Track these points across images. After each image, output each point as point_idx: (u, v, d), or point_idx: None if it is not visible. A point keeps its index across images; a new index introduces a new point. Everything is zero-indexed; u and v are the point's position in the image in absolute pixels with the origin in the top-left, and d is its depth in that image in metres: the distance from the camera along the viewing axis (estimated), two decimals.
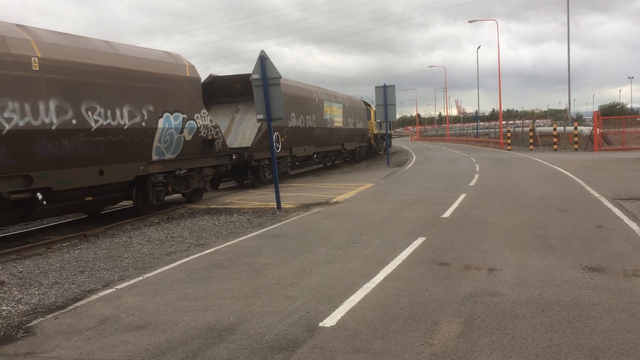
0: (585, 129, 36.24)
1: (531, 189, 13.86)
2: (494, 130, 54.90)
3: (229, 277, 6.64)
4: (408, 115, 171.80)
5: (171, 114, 12.44)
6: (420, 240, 8.10)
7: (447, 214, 10.49)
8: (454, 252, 7.34)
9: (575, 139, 33.58)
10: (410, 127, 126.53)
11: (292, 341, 4.46)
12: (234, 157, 15.36)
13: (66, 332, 5.00)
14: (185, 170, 13.34)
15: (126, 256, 8.23)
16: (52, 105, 9.45)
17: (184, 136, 12.91)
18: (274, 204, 12.59)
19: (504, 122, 45.65)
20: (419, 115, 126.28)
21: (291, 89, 19.95)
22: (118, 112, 10.89)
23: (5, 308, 5.81)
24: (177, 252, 8.38)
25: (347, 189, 15.80)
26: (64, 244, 9.61)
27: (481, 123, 65.04)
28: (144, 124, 11.59)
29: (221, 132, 14.76)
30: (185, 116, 12.89)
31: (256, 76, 12.02)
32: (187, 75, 13.16)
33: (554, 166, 20.77)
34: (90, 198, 10.89)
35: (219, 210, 12.59)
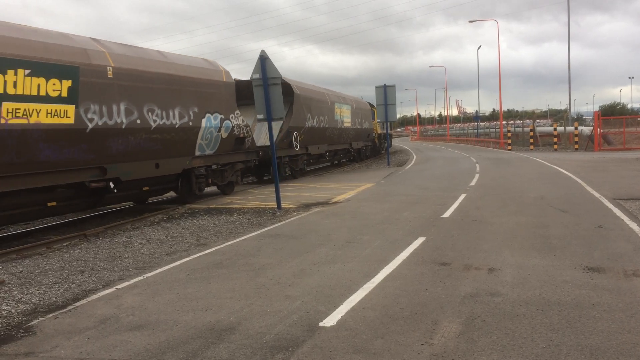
0: (586, 129, 36.23)
1: (531, 189, 13.86)
2: (494, 130, 54.89)
3: (229, 277, 6.64)
4: (408, 115, 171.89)
5: (211, 114, 14.00)
6: (420, 240, 8.10)
7: (447, 214, 10.49)
8: (454, 252, 7.34)
9: (576, 139, 33.57)
10: (411, 127, 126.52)
11: (292, 341, 4.46)
12: (260, 153, 17.01)
13: (66, 331, 5.00)
14: (221, 165, 15.08)
15: (126, 256, 8.23)
16: (122, 107, 10.95)
17: (221, 134, 14.50)
18: (274, 204, 12.59)
19: (504, 122, 45.65)
20: (419, 115, 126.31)
21: (308, 92, 21.57)
22: (171, 113, 12.45)
23: (5, 307, 5.81)
24: (177, 251, 8.38)
25: (347, 189, 15.80)
26: (64, 244, 9.62)
27: (481, 123, 65.04)
28: (190, 123, 13.10)
29: (251, 131, 16.42)
30: (222, 116, 14.51)
31: (256, 76, 12.02)
32: (224, 80, 14.79)
33: (555, 166, 20.77)
34: (147, 188, 12.86)
35: (219, 210, 12.59)
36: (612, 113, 71.84)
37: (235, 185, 16.38)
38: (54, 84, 9.52)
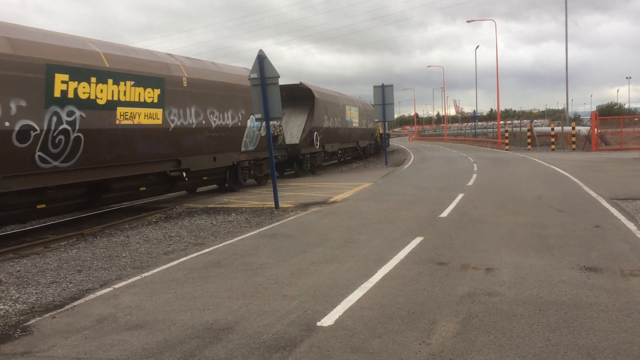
0: (583, 129, 36.32)
1: (529, 189, 13.88)
2: (492, 130, 54.99)
3: (226, 276, 6.63)
4: (406, 114, 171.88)
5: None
6: (418, 240, 8.11)
7: (445, 213, 10.50)
8: (451, 251, 7.35)
9: (573, 139, 33.64)
10: (409, 127, 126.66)
11: (290, 340, 4.46)
12: (288, 150, 20.24)
13: (64, 331, 4.99)
14: (260, 159, 17.58)
15: (124, 255, 8.22)
16: (192, 110, 13.47)
17: (260, 133, 16.94)
18: (272, 204, 12.59)
19: (502, 122, 45.73)
20: (417, 114, 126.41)
21: (325, 96, 24.22)
22: (226, 115, 15.01)
23: (2, 307, 5.80)
24: (175, 251, 8.38)
25: (345, 189, 15.80)
26: (62, 243, 9.60)
27: (479, 123, 65.09)
28: (239, 123, 15.72)
29: (282, 130, 19.23)
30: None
31: (254, 75, 12.02)
32: None
33: (552, 166, 20.80)
34: (206, 178, 15.25)
35: (217, 210, 12.58)
36: (609, 113, 71.92)
37: (265, 179, 18.60)
38: (148, 92, 11.98)
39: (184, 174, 13.52)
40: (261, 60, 11.94)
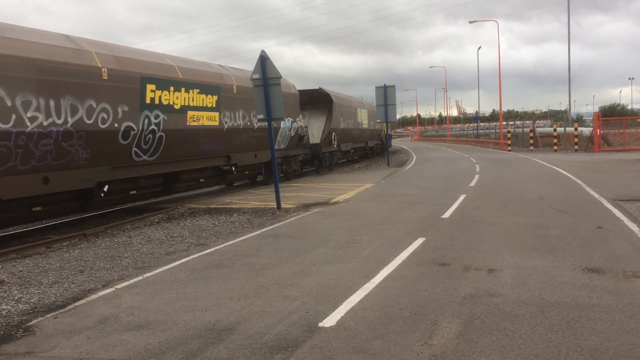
0: (586, 130, 36.24)
1: (531, 190, 13.86)
2: (494, 130, 54.91)
3: (228, 277, 6.64)
4: (408, 115, 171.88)
5: (286, 118, 18.73)
6: (420, 241, 8.11)
7: (447, 214, 10.49)
8: (453, 252, 7.35)
9: (576, 139, 33.58)
10: (411, 128, 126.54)
11: (292, 341, 4.46)
12: (311, 148, 22.56)
13: (66, 331, 5.00)
14: (289, 156, 20.06)
15: (126, 256, 8.23)
16: (240, 113, 15.95)
17: (290, 133, 19.66)
18: (273, 204, 12.59)
19: (504, 123, 45.67)
20: (419, 115, 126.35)
21: (341, 100, 26.66)
22: None
23: (5, 307, 5.81)
24: (177, 251, 8.38)
25: (347, 189, 15.80)
26: (64, 243, 9.62)
27: (481, 123, 65.05)
28: (275, 124, 17.44)
29: (308, 131, 21.74)
30: (292, 119, 19.78)
31: (256, 76, 12.02)
32: (293, 92, 20.35)
33: (554, 167, 20.77)
34: (247, 172, 17.53)
35: (218, 210, 12.59)
36: (612, 114, 71.74)
37: (296, 173, 21.22)
38: (209, 98, 14.43)
39: (233, 168, 15.94)
40: (263, 60, 11.95)
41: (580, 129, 35.68)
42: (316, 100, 24.73)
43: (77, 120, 10.25)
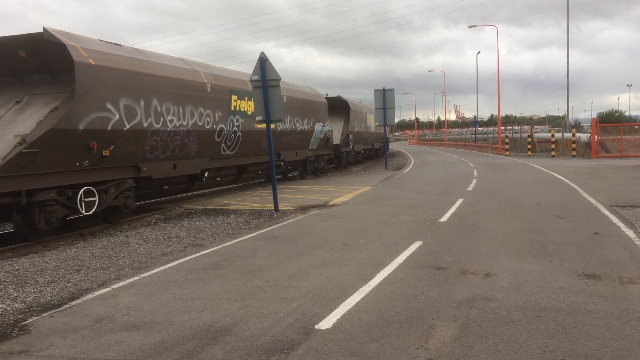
0: (584, 136, 36.33)
1: (528, 195, 13.89)
2: (492, 135, 55.00)
3: (225, 278, 6.63)
4: (407, 119, 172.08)
5: (318, 122, 22.74)
6: (417, 244, 8.11)
7: (444, 218, 10.50)
8: (450, 256, 7.35)
9: (573, 145, 33.65)
10: (409, 131, 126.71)
11: (288, 343, 4.45)
12: (334, 149, 25.96)
13: (61, 330, 4.99)
14: (319, 156, 23.56)
15: (123, 255, 8.21)
16: (288, 118, 19.25)
17: (321, 136, 23.19)
18: (271, 206, 12.59)
19: (502, 128, 45.76)
20: (417, 119, 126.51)
21: (355, 106, 30.02)
22: (304, 121, 21.04)
23: (0, 306, 5.79)
24: (174, 252, 8.37)
25: (344, 192, 15.80)
26: (61, 243, 9.60)
27: (479, 128, 65.08)
28: (311, 128, 21.86)
29: (332, 134, 25.27)
30: (322, 124, 23.33)
31: (256, 77, 12.03)
32: (323, 101, 24.01)
33: (552, 172, 20.82)
34: (290, 167, 21.48)
35: (216, 211, 12.58)
36: (609, 120, 71.99)
37: (323, 171, 24.55)
38: None
39: (282, 164, 19.61)
40: (263, 62, 11.95)
41: (578, 134, 35.74)
42: (335, 106, 27.42)
43: (193, 123, 13.57)
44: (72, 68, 9.86)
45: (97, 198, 10.58)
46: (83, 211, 10.30)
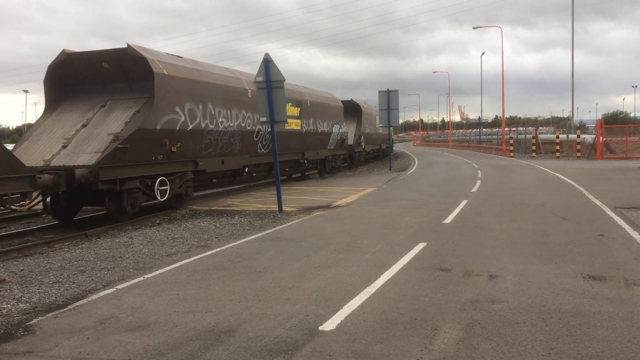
0: (588, 137, 36.22)
1: (533, 196, 13.85)
2: (496, 137, 54.89)
3: (229, 279, 6.64)
4: (411, 120, 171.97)
5: (335, 124, 24.85)
6: (421, 246, 8.10)
7: (448, 219, 10.48)
8: (454, 258, 7.34)
9: (578, 147, 33.55)
10: (413, 132, 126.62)
11: (292, 344, 4.45)
12: (348, 149, 27.77)
13: (66, 331, 5.00)
14: (335, 156, 25.48)
15: (127, 256, 8.23)
16: (311, 121, 21.70)
17: (337, 137, 25.28)
18: (275, 207, 12.59)
19: (506, 129, 45.66)
20: (421, 120, 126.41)
21: (366, 109, 32.27)
22: (324, 123, 23.30)
23: (5, 306, 5.81)
24: (178, 253, 8.39)
25: (348, 193, 15.79)
26: (65, 243, 9.63)
27: (484, 129, 65.01)
28: (329, 130, 24.12)
29: (347, 135, 27.40)
30: (339, 126, 25.36)
31: (260, 79, 12.04)
32: (339, 104, 26.12)
33: (556, 174, 20.75)
34: (310, 166, 23.06)
35: (220, 212, 12.59)
36: (614, 121, 71.65)
37: (339, 170, 26.54)
38: (296, 110, 20.16)
39: (306, 162, 21.49)
40: (267, 63, 11.97)
41: (583, 136, 35.64)
42: (348, 109, 28.79)
43: (238, 124, 15.66)
44: (151, 77, 11.91)
45: (168, 187, 12.56)
46: (159, 197, 12.27)
